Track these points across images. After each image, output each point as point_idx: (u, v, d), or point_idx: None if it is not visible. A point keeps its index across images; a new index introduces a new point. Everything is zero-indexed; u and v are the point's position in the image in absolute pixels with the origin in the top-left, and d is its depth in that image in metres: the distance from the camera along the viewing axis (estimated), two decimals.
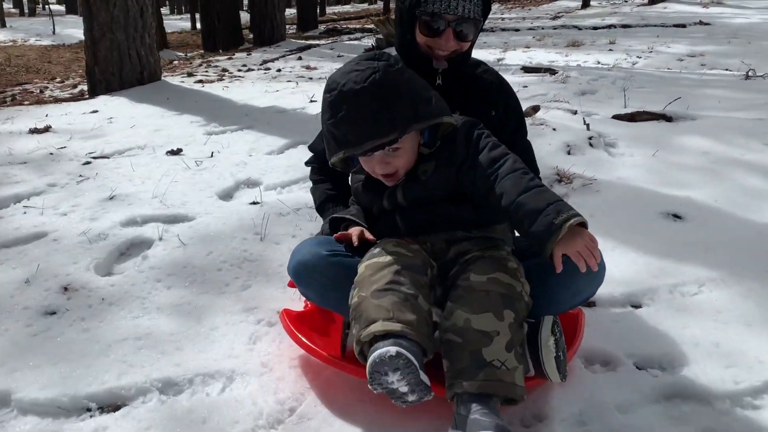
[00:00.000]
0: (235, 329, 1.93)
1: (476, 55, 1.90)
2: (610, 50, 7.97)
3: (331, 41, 11.26)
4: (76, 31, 15.63)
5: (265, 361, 1.79)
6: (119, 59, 5.80)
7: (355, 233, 1.69)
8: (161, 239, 2.49)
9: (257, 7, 11.19)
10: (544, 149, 3.32)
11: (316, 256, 1.65)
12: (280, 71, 7.33)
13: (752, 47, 7.75)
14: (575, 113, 4.15)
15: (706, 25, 10.61)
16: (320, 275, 1.65)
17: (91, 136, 4.14)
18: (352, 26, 14.98)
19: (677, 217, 2.70)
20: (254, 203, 2.85)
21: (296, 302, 2.03)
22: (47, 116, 4.81)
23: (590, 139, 3.58)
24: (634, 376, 1.72)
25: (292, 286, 1.86)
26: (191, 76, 7.08)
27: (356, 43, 10.52)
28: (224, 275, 2.25)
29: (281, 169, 3.30)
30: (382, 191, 1.69)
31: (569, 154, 3.40)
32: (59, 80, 8.30)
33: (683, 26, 10.53)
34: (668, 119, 4.01)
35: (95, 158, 3.61)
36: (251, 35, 11.77)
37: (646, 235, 2.52)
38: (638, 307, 2.07)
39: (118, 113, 4.84)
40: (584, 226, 1.46)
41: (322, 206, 1.95)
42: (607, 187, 2.98)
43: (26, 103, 6.14)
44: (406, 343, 1.38)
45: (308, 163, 2.07)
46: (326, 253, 1.65)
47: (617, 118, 4.05)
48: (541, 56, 7.56)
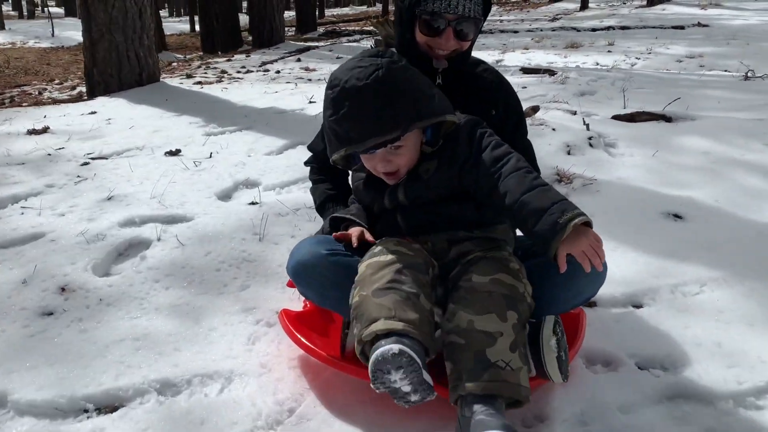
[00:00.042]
0: (233, 330, 1.92)
1: (475, 56, 1.89)
2: (608, 51, 7.98)
3: (330, 43, 11.27)
4: (75, 33, 15.65)
5: (264, 361, 1.77)
6: (118, 60, 5.78)
7: (354, 234, 1.67)
8: (159, 240, 2.48)
9: (256, 9, 11.21)
10: (544, 149, 3.31)
11: (315, 255, 1.64)
12: (279, 73, 7.33)
13: (751, 48, 7.76)
14: (575, 113, 4.15)
15: (704, 26, 10.64)
16: (319, 275, 1.64)
17: (89, 136, 4.13)
18: (351, 28, 15.00)
19: (678, 217, 2.70)
20: (253, 203, 2.84)
21: (295, 302, 2.02)
22: (45, 117, 4.81)
23: (590, 139, 3.58)
24: (635, 376, 1.71)
25: (291, 285, 1.85)
26: (190, 77, 7.08)
27: (355, 45, 10.54)
28: (223, 275, 2.24)
29: (280, 169, 3.29)
30: (383, 190, 1.67)
31: (569, 154, 3.40)
32: (58, 82, 8.29)
33: (682, 28, 10.56)
34: (668, 119, 4.01)
35: (93, 159, 3.60)
36: (250, 37, 11.79)
37: (646, 235, 2.52)
38: (639, 307, 2.06)
39: (116, 114, 4.83)
40: (589, 225, 1.44)
41: (322, 206, 1.94)
42: (607, 187, 2.97)
43: (25, 104, 6.13)
44: (408, 341, 1.36)
45: (307, 163, 2.06)
46: (325, 252, 1.64)
47: (617, 118, 4.05)
48: (539, 57, 7.56)
